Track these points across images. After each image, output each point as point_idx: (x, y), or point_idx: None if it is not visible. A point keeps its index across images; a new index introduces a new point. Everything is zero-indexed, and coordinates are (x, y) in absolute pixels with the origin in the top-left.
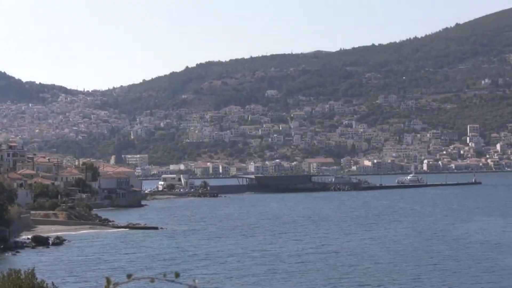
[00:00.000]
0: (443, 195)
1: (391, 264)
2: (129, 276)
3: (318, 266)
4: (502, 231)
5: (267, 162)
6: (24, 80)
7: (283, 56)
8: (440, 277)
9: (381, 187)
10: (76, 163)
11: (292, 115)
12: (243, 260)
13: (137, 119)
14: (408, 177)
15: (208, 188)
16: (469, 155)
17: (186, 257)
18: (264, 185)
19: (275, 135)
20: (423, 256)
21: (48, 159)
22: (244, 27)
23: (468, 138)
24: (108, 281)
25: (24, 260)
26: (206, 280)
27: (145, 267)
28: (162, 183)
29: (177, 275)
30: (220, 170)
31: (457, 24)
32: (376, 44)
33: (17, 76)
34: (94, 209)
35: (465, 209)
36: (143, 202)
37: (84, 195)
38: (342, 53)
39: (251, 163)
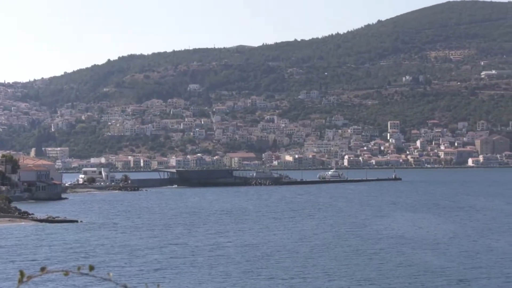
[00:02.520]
0: (363, 191)
1: (306, 258)
2: (43, 269)
3: (235, 259)
4: (417, 227)
5: (188, 156)
6: None
7: (206, 50)
8: (353, 271)
9: (302, 182)
10: None
11: (214, 110)
12: (161, 253)
13: (58, 112)
14: (329, 173)
15: (129, 181)
16: (390, 151)
17: (104, 250)
18: (185, 179)
19: (197, 129)
20: (338, 250)
21: None
22: (166, 20)
23: (388, 134)
24: (22, 274)
25: None
26: (121, 273)
27: (62, 260)
28: (83, 176)
29: (92, 268)
30: (142, 164)
31: (378, 21)
32: (299, 39)
33: None
34: (13, 202)
35: (383, 204)
36: (63, 195)
37: (3, 188)
38: (265, 48)
39: (173, 157)
